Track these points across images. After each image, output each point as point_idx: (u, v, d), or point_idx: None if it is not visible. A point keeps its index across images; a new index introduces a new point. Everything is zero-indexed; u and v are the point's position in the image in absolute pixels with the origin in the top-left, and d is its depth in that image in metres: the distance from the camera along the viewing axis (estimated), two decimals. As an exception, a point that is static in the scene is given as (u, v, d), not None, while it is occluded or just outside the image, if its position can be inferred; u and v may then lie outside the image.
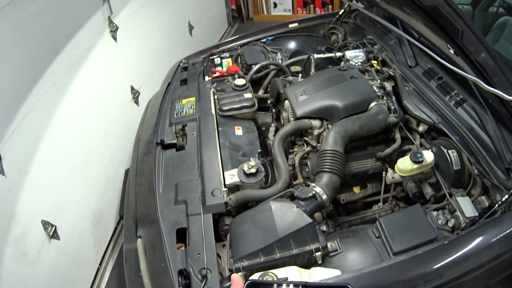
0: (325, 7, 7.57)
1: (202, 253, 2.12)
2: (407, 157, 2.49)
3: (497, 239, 2.18)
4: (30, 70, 2.73)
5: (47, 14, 2.86)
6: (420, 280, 2.09)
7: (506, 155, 2.37)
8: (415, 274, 2.08)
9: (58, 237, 2.92)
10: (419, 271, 2.08)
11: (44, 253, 2.82)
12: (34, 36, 2.75)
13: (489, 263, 2.23)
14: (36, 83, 2.76)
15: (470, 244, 2.16)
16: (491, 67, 2.13)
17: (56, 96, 2.98)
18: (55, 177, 2.98)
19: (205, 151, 2.66)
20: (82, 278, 3.35)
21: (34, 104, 2.73)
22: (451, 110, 2.78)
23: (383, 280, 2.05)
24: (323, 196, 2.31)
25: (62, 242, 2.96)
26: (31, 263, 2.71)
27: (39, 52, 2.81)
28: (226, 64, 3.59)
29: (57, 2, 2.95)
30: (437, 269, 2.09)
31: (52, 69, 2.90)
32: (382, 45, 3.53)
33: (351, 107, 2.75)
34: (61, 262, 3.00)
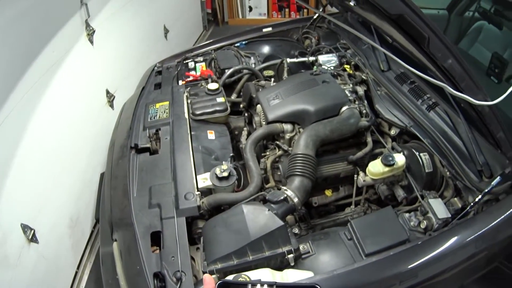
0: (300, 11, 7.60)
1: (176, 256, 2.13)
2: (379, 160, 2.53)
3: (471, 239, 2.22)
4: (8, 74, 2.73)
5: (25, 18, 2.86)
6: (394, 280, 2.12)
7: (478, 158, 2.42)
8: (388, 275, 2.12)
9: (37, 241, 2.91)
10: (392, 272, 2.12)
11: (24, 256, 2.81)
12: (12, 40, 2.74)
13: (464, 263, 2.27)
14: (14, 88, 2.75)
15: (443, 244, 2.20)
16: (458, 72, 2.17)
17: (33, 101, 2.97)
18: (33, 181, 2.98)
19: (178, 155, 2.68)
20: (61, 282, 3.35)
21: (12, 108, 2.73)
22: (423, 113, 2.82)
23: (355, 281, 2.08)
24: (295, 199, 2.33)
25: (41, 246, 2.96)
26: (12, 267, 2.71)
27: (16, 57, 2.81)
28: (199, 68, 3.59)
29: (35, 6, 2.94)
30: (411, 269, 2.12)
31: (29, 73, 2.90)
32: (355, 49, 3.57)
33: (323, 111, 2.78)
34: (41, 265, 3.00)
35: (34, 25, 2.95)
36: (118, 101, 4.08)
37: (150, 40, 5.19)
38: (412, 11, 2.12)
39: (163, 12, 5.58)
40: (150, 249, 2.22)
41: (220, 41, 3.97)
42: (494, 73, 2.85)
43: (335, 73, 3.26)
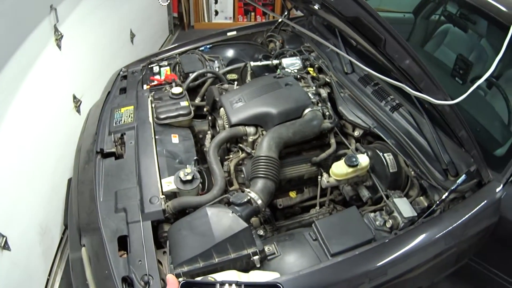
0: (266, 15, 7.59)
1: (143, 260, 2.15)
2: (342, 161, 2.57)
3: (439, 236, 2.28)
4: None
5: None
6: (363, 279, 2.17)
7: (443, 157, 2.47)
8: (354, 274, 2.16)
9: (9, 248, 2.88)
10: (359, 270, 2.16)
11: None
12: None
13: (433, 260, 2.34)
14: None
15: (410, 242, 2.26)
16: (417, 73, 2.19)
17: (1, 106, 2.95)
18: (2, 188, 2.95)
19: (142, 159, 2.69)
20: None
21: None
22: (387, 114, 2.87)
23: (322, 281, 2.12)
24: (258, 201, 2.37)
25: (13, 253, 2.93)
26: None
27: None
28: (164, 72, 3.60)
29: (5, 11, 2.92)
30: (379, 267, 2.18)
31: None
32: (319, 52, 3.60)
33: (285, 114, 2.81)
34: (13, 273, 2.98)
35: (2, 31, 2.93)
36: (85, 106, 4.04)
37: (117, 44, 5.16)
38: (367, 13, 2.14)
39: (130, 17, 5.54)
40: (117, 253, 2.23)
41: (185, 45, 3.97)
42: (459, 75, 2.91)
43: (298, 76, 3.29)
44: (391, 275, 2.23)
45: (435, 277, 2.70)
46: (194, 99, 3.40)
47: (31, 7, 3.23)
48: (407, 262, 2.28)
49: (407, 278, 2.33)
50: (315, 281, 2.10)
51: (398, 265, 2.24)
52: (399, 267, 2.25)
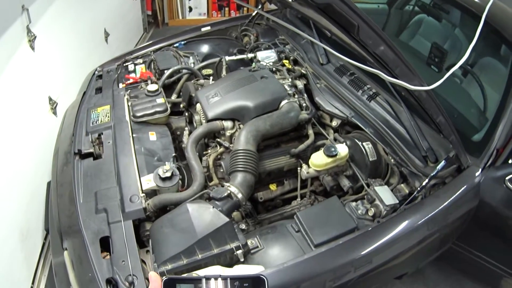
0: (240, 9, 7.60)
1: (127, 260, 2.13)
2: (321, 152, 2.58)
3: (421, 222, 2.31)
4: None
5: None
6: (349, 268, 2.18)
7: (422, 143, 2.51)
8: (339, 263, 2.17)
9: (-12, 258, 2.85)
10: (343, 260, 2.17)
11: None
12: None
13: (417, 246, 2.37)
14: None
15: (393, 229, 2.28)
16: (391, 58, 2.20)
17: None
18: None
19: (121, 158, 2.67)
20: (16, 300, 3.29)
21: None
22: (364, 104, 2.90)
23: (306, 272, 2.12)
24: (238, 195, 2.37)
25: (-6, 262, 2.88)
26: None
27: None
28: (139, 70, 3.58)
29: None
30: (364, 256, 2.19)
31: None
32: (294, 44, 3.63)
33: (262, 107, 2.82)
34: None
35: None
36: (61, 108, 4.01)
37: (91, 44, 5.12)
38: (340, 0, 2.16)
39: (103, 16, 5.50)
40: (100, 255, 2.21)
41: (159, 42, 3.96)
42: (434, 63, 2.95)
43: (273, 68, 3.31)
44: (376, 262, 2.25)
45: (420, 262, 2.76)
46: (170, 96, 3.38)
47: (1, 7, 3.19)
48: (392, 249, 2.29)
49: (392, 265, 2.36)
50: (300, 272, 2.11)
51: (383, 252, 2.26)
52: (383, 254, 2.27)
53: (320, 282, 2.16)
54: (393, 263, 2.35)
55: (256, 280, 1.11)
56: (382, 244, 2.24)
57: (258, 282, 1.10)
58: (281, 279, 2.06)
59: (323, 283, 2.17)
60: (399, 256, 2.34)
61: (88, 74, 3.81)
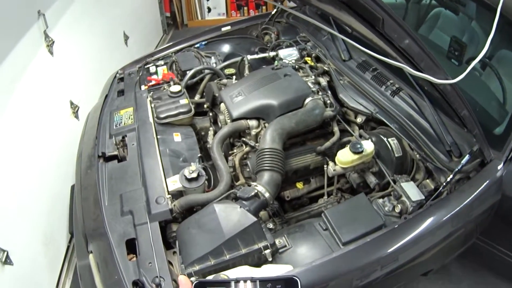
0: (259, 8, 7.60)
1: (153, 262, 2.12)
2: (347, 149, 2.55)
3: (447, 218, 2.27)
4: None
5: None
6: (376, 266, 2.15)
7: (446, 138, 2.47)
8: (367, 261, 2.13)
9: (11, 263, 2.84)
10: (371, 258, 2.14)
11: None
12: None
13: (442, 242, 2.33)
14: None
15: (419, 226, 2.24)
16: (416, 52, 2.17)
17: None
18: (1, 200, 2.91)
19: (146, 160, 2.66)
20: (40, 303, 3.29)
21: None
22: (388, 99, 2.87)
23: (335, 270, 2.10)
24: (266, 194, 2.34)
25: (15, 267, 2.89)
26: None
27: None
28: (161, 72, 3.58)
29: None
30: (391, 253, 2.16)
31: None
32: (315, 41, 3.61)
33: (286, 105, 2.80)
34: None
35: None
36: (83, 111, 4.03)
37: (111, 47, 5.14)
38: (364, -7, 2.14)
39: (122, 19, 5.53)
40: (126, 257, 2.19)
41: (180, 43, 3.96)
42: (454, 56, 2.90)
43: (296, 66, 3.29)
44: (402, 260, 2.22)
45: (445, 259, 2.73)
46: (193, 96, 3.38)
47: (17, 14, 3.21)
48: (418, 246, 2.26)
49: (419, 262, 2.33)
50: (328, 271, 2.09)
51: (409, 249, 2.23)
52: (410, 251, 2.24)
53: (347, 280, 2.14)
54: (419, 260, 2.32)
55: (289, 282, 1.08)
56: (409, 241, 2.21)
57: (291, 284, 1.08)
58: (310, 278, 2.04)
59: (350, 282, 2.14)
60: (425, 252, 2.31)
61: (109, 77, 3.81)
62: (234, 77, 3.43)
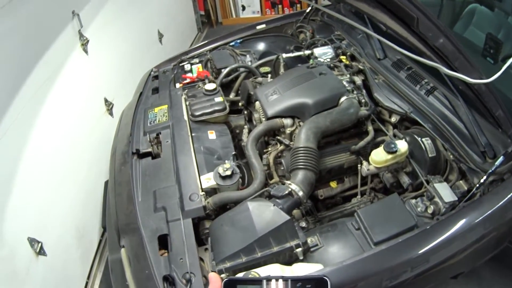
0: (293, 6, 7.60)
1: (185, 258, 2.13)
2: (381, 148, 2.52)
3: (479, 220, 2.22)
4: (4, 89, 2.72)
5: (17, 33, 2.86)
6: (406, 267, 2.12)
7: (481, 139, 2.42)
8: (398, 262, 2.11)
9: (45, 253, 2.90)
10: (402, 259, 2.11)
11: (32, 270, 2.80)
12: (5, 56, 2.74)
13: (474, 245, 2.27)
14: (11, 103, 2.75)
15: (451, 228, 2.20)
16: (451, 51, 2.16)
17: (32, 114, 2.98)
18: (36, 193, 2.97)
19: (180, 157, 2.67)
20: (71, 294, 3.34)
21: (11, 122, 2.73)
22: (422, 99, 2.83)
23: (366, 270, 2.08)
24: (299, 193, 2.33)
25: (49, 258, 2.95)
26: (21, 282, 2.70)
27: (11, 72, 2.81)
28: (196, 70, 3.60)
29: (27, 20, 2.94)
30: (422, 255, 2.12)
31: (26, 87, 2.90)
32: (350, 40, 3.59)
33: (321, 103, 2.78)
34: (50, 278, 2.99)
35: (26, 39, 2.94)
36: (117, 109, 4.08)
37: (145, 45, 5.20)
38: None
39: (156, 17, 5.59)
40: (158, 252, 2.21)
41: (215, 42, 3.98)
42: (490, 54, 2.84)
43: (331, 64, 3.27)
44: (433, 262, 2.18)
45: (476, 262, 2.65)
46: (228, 94, 3.39)
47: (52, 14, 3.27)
48: (449, 248, 2.22)
49: (449, 264, 2.27)
50: (358, 271, 2.07)
51: (440, 251, 2.19)
52: (441, 253, 2.19)
53: (377, 281, 2.11)
54: (450, 262, 2.26)
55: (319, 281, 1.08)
56: (440, 243, 2.17)
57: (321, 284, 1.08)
58: (339, 278, 2.02)
59: (380, 282, 2.11)
60: (456, 255, 2.25)
61: (144, 75, 3.85)
62: (269, 75, 3.44)
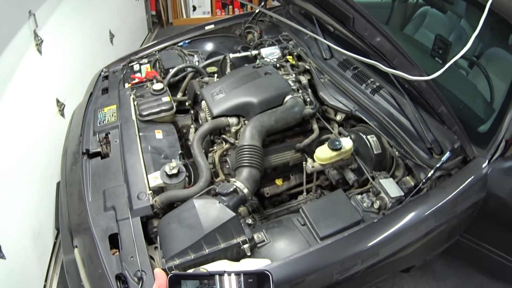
0: (243, 7, 7.62)
1: (135, 256, 2.16)
2: (325, 146, 2.59)
3: (428, 214, 2.30)
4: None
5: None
6: (355, 260, 2.19)
7: (427, 135, 2.49)
8: (345, 255, 2.17)
9: (3, 256, 2.89)
10: (349, 252, 2.18)
11: (-8, 274, 2.79)
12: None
13: (423, 238, 2.36)
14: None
15: (399, 221, 2.27)
16: (388, 49, 2.20)
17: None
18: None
19: (128, 157, 2.70)
20: (30, 298, 3.33)
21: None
22: (368, 97, 2.90)
23: (314, 264, 2.14)
24: (244, 190, 2.38)
25: (8, 261, 2.93)
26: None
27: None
28: (145, 70, 3.61)
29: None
30: (370, 248, 2.20)
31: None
32: (297, 40, 3.64)
33: (266, 102, 2.83)
34: (10, 282, 2.98)
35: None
36: (69, 110, 4.02)
37: (97, 46, 5.15)
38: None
39: (108, 18, 5.54)
40: (109, 251, 2.24)
41: (164, 42, 3.99)
42: (438, 54, 2.92)
43: (277, 64, 3.31)
44: (383, 254, 2.25)
45: (427, 255, 2.74)
46: (175, 94, 3.41)
47: (9, 13, 3.23)
48: (398, 241, 2.29)
49: (399, 256, 2.36)
50: (306, 265, 2.12)
51: (389, 244, 2.26)
52: (390, 246, 2.27)
53: (327, 274, 2.17)
54: (400, 255, 2.35)
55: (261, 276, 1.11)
56: (388, 236, 2.24)
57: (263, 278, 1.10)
58: (288, 272, 2.08)
59: (331, 275, 2.17)
60: (406, 248, 2.33)
61: (94, 75, 3.83)
62: (216, 75, 3.47)
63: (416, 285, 3.52)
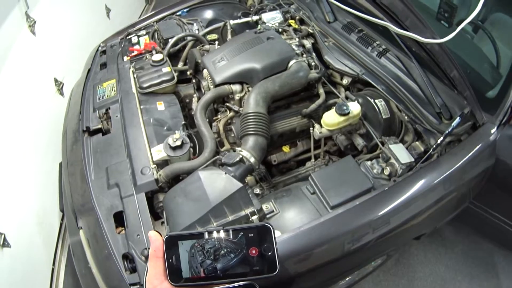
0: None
1: (142, 234, 2.11)
2: (333, 111, 2.53)
3: (438, 181, 2.25)
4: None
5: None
6: (366, 229, 2.13)
7: (436, 100, 2.41)
8: (356, 225, 2.12)
9: (9, 245, 2.85)
10: (361, 221, 2.13)
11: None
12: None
13: (434, 205, 2.31)
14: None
15: (410, 189, 2.22)
16: (400, 9, 2.15)
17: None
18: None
19: (129, 131, 2.64)
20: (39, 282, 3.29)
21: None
22: (374, 60, 2.82)
23: (324, 235, 2.08)
24: (251, 159, 2.33)
25: (13, 249, 2.90)
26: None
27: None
28: (143, 42, 3.54)
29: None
30: (381, 217, 2.14)
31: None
32: (299, 4, 3.54)
33: (270, 68, 2.75)
34: (17, 269, 2.95)
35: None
36: (67, 88, 3.99)
37: (93, 21, 5.08)
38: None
39: (102, -9, 5.46)
40: (115, 230, 2.20)
41: (162, 12, 3.90)
42: (444, 18, 2.84)
43: (280, 29, 3.24)
44: (394, 223, 2.20)
45: (437, 222, 2.72)
46: (176, 64, 3.34)
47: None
48: (409, 209, 2.24)
49: (411, 225, 2.31)
50: (318, 235, 2.07)
51: (401, 212, 2.21)
52: (401, 214, 2.22)
53: (338, 244, 2.12)
54: (411, 223, 2.30)
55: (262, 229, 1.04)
56: (400, 204, 2.19)
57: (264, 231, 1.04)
58: (299, 243, 2.03)
59: (342, 246, 2.12)
60: (417, 216, 2.28)
61: (91, 51, 3.76)
62: (216, 42, 3.38)
63: (426, 252, 3.52)
